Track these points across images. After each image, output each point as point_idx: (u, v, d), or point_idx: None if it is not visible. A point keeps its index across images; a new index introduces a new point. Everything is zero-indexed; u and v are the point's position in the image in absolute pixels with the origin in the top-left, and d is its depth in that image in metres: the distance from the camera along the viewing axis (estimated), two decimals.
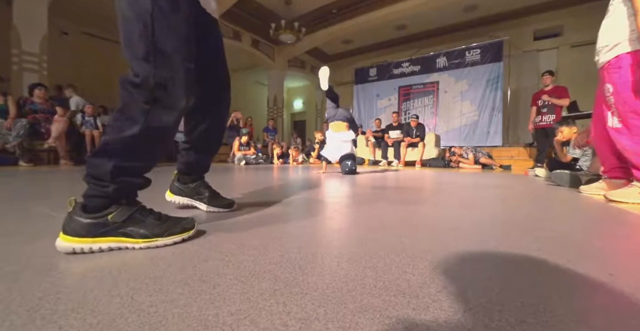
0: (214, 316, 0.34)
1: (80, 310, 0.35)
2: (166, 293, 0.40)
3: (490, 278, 0.46)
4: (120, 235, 0.60)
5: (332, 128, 3.20)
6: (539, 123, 4.34)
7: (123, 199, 0.63)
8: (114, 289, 0.41)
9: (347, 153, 3.08)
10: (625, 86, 1.36)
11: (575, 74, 5.94)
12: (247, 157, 5.61)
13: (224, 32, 7.03)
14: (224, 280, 0.45)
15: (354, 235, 0.71)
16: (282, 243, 0.64)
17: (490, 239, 0.69)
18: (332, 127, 3.21)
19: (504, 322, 0.33)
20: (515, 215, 1.02)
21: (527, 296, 0.40)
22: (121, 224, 0.60)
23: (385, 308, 0.36)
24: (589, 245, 0.68)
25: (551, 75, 4.30)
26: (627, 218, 1.03)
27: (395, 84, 7.84)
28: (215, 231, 0.73)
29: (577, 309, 0.37)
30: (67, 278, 0.45)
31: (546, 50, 6.60)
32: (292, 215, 0.97)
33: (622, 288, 0.43)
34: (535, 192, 1.79)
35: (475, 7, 6.39)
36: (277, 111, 8.94)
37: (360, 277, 0.46)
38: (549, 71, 4.37)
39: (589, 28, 5.93)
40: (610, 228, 0.89)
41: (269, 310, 0.36)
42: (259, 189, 1.68)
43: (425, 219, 0.93)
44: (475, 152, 5.24)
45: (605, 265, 0.53)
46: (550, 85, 4.28)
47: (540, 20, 6.56)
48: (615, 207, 1.24)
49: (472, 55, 6.68)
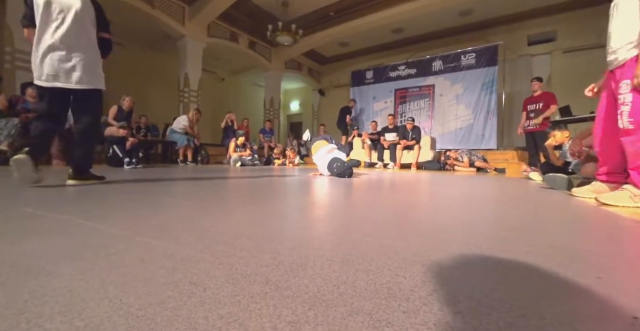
0: (204, 319, 0.34)
1: (67, 312, 0.35)
2: (155, 295, 0.40)
3: (480, 281, 0.47)
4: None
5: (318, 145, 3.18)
6: (527, 127, 4.44)
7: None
8: (102, 291, 0.41)
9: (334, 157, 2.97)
10: None
11: (567, 79, 6.04)
12: (243, 159, 5.60)
13: (221, 34, 7.05)
14: (214, 282, 0.44)
15: (346, 238, 0.72)
16: (274, 245, 0.64)
17: (482, 242, 0.70)
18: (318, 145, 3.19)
19: (492, 325, 0.34)
20: (507, 218, 1.03)
21: (516, 299, 0.40)
22: None
23: (375, 312, 0.36)
24: (578, 248, 0.68)
25: (539, 82, 4.40)
26: (617, 221, 1.05)
27: (392, 87, 7.91)
28: (206, 232, 0.73)
29: (564, 312, 0.37)
30: (54, 280, 0.44)
31: (540, 55, 6.71)
32: (285, 216, 0.97)
33: (609, 291, 0.44)
34: (527, 195, 1.81)
35: (471, 11, 6.48)
36: (273, 112, 8.95)
37: (352, 280, 0.46)
38: (537, 78, 4.47)
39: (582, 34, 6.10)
40: (600, 231, 0.90)
41: (259, 313, 0.36)
42: (252, 190, 1.67)
43: (419, 222, 0.93)
44: (470, 156, 5.29)
45: (593, 268, 0.54)
46: (538, 91, 4.38)
47: (533, 25, 6.68)
48: (606, 210, 1.26)
49: (467, 59, 6.77)
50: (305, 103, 11.37)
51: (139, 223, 0.82)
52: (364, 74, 8.43)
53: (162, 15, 5.90)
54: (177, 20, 6.17)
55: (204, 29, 6.66)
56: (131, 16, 5.97)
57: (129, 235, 0.70)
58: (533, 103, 4.39)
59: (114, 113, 4.73)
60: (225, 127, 6.72)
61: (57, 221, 0.83)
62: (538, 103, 4.33)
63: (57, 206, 1.07)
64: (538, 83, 4.38)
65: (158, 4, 5.81)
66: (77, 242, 0.64)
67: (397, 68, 7.82)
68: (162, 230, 0.75)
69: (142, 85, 7.55)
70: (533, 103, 4.39)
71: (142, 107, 6.36)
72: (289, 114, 12.11)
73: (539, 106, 4.31)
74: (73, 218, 0.86)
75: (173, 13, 6.09)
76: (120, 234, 0.70)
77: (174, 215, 0.94)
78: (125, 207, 1.09)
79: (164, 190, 1.63)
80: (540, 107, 4.30)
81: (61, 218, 0.87)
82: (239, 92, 10.41)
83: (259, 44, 7.96)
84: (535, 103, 4.37)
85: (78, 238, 0.66)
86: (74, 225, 0.79)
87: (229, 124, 6.68)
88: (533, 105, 4.39)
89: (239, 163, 5.44)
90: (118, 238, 0.67)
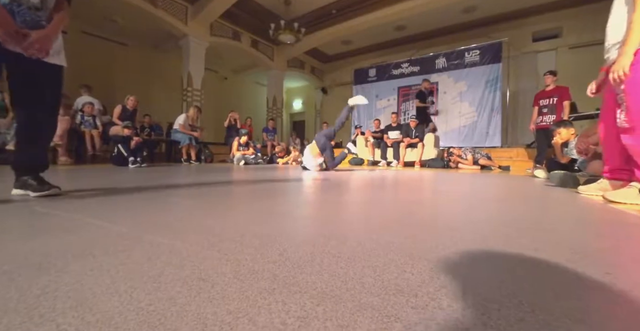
0: (213, 315, 0.34)
1: (78, 308, 0.35)
2: (165, 291, 0.40)
3: (488, 277, 0.46)
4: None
5: (309, 148, 3.70)
6: (540, 123, 4.30)
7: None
8: (112, 287, 0.41)
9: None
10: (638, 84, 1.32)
11: (573, 76, 5.94)
12: (247, 157, 5.61)
13: (224, 33, 7.05)
14: (222, 278, 0.45)
15: (352, 235, 0.71)
16: (280, 242, 0.64)
17: (488, 239, 0.69)
18: (310, 147, 3.71)
19: (502, 321, 0.33)
20: (513, 215, 1.02)
21: (526, 295, 0.40)
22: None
23: (384, 307, 0.36)
24: (586, 244, 0.68)
25: (553, 75, 4.23)
26: (625, 218, 1.03)
27: (395, 85, 7.87)
28: (212, 229, 0.73)
29: (574, 307, 0.37)
30: (65, 276, 0.45)
31: (545, 51, 6.62)
32: (291, 213, 0.97)
33: (619, 287, 0.43)
34: (533, 193, 1.80)
35: (475, 8, 6.41)
36: (276, 111, 8.95)
37: (359, 276, 0.46)
38: (550, 71, 4.31)
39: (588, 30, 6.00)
40: (608, 228, 0.89)
41: (268, 309, 0.36)
42: (257, 188, 1.67)
43: (424, 219, 0.93)
44: (474, 153, 5.25)
45: (602, 264, 0.53)
46: (551, 85, 4.24)
47: (538, 21, 6.59)
48: (614, 208, 1.24)
49: (471, 56, 6.71)
50: (308, 102, 11.35)
51: (146, 222, 0.82)
52: (367, 71, 8.39)
53: (165, 14, 5.91)
54: (179, 20, 6.19)
55: (206, 28, 6.66)
56: (134, 16, 6.00)
57: (136, 233, 0.71)
58: (546, 98, 4.24)
59: (118, 112, 4.77)
60: (229, 126, 6.73)
61: (65, 219, 0.84)
62: (551, 97, 4.17)
63: (65, 205, 1.08)
64: (551, 77, 4.22)
65: (161, 3, 5.82)
66: (85, 240, 0.64)
67: (400, 66, 7.77)
68: (168, 228, 0.75)
69: (146, 85, 7.59)
70: (546, 98, 4.24)
71: (146, 106, 6.38)
72: (291, 113, 12.10)
73: (553, 101, 4.16)
74: (81, 217, 0.87)
75: (176, 12, 6.11)
76: (127, 232, 0.71)
77: (179, 214, 0.94)
78: (133, 205, 1.10)
79: (169, 189, 1.64)
80: (554, 102, 4.14)
81: (69, 216, 0.88)
82: (242, 91, 10.42)
83: (261, 42, 7.95)
84: (548, 98, 4.21)
85: (86, 236, 0.67)
86: (81, 223, 0.80)
87: (232, 123, 6.70)
88: (546, 100, 4.23)
89: (243, 162, 5.46)
90: (125, 236, 0.67)
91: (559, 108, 4.13)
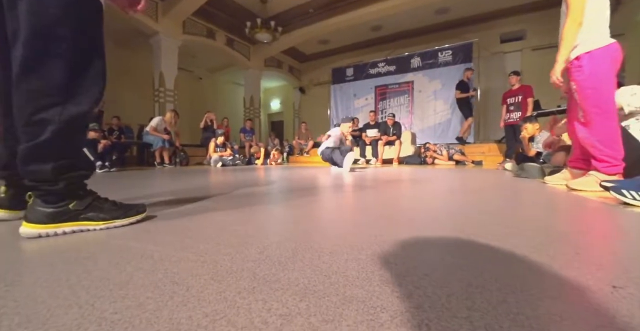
0: (187, 319, 0.32)
1: (28, 324, 0.31)
2: (133, 298, 0.37)
3: (469, 263, 0.47)
4: (83, 219, 0.68)
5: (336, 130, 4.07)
6: (508, 120, 4.59)
7: (80, 191, 0.69)
8: (71, 298, 0.37)
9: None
10: (586, 83, 1.47)
11: (537, 75, 6.36)
12: (224, 159, 5.46)
13: (197, 31, 6.80)
14: (198, 280, 0.42)
15: (334, 230, 0.70)
16: (259, 239, 0.62)
17: (466, 228, 0.71)
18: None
19: (485, 303, 0.34)
20: (487, 205, 1.06)
21: (505, 279, 0.41)
22: (82, 211, 0.68)
23: (369, 298, 0.35)
24: (555, 229, 0.71)
25: (516, 75, 4.54)
26: (587, 204, 1.11)
27: (372, 84, 7.99)
28: (186, 231, 0.69)
29: (551, 286, 0.38)
30: (16, 290, 0.40)
31: (511, 52, 7.02)
32: (269, 211, 0.95)
33: (588, 265, 0.46)
34: (504, 184, 1.89)
35: (447, 10, 6.66)
36: (253, 111, 8.78)
37: (343, 269, 0.45)
38: (514, 71, 4.62)
39: (549, 33, 6.41)
40: (573, 213, 0.95)
41: (247, 308, 0.34)
42: (236, 188, 1.62)
43: (405, 212, 0.94)
44: (449, 149, 5.46)
45: (571, 246, 0.56)
46: (516, 85, 4.53)
47: (505, 24, 6.96)
48: (576, 195, 1.34)
49: (444, 56, 6.96)
50: (286, 102, 11.25)
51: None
52: (345, 71, 8.45)
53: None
54: (149, 16, 5.89)
55: (179, 25, 6.39)
56: None
57: (103, 237, 0.65)
58: (512, 97, 4.54)
59: None
60: (205, 126, 6.51)
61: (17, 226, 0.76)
62: (517, 96, 4.47)
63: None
64: (515, 77, 4.52)
65: None
66: (43, 248, 0.58)
67: (377, 65, 7.91)
68: (139, 231, 0.70)
69: (113, 85, 7.11)
70: (512, 97, 4.54)
71: (114, 107, 6.01)
72: (269, 113, 11.94)
73: (518, 99, 4.45)
74: None
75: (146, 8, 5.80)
76: (93, 237, 0.65)
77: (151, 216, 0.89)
78: None
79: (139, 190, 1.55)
80: (519, 100, 4.44)
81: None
82: (218, 91, 10.13)
83: (237, 41, 7.76)
84: (514, 97, 4.52)
85: (43, 244, 0.61)
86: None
87: (209, 124, 6.49)
88: (512, 98, 4.54)
89: (220, 164, 5.30)
90: (90, 241, 0.62)
91: (524, 106, 4.42)
